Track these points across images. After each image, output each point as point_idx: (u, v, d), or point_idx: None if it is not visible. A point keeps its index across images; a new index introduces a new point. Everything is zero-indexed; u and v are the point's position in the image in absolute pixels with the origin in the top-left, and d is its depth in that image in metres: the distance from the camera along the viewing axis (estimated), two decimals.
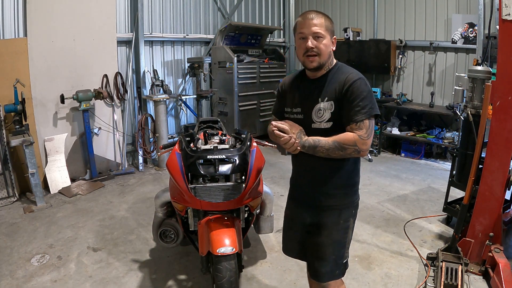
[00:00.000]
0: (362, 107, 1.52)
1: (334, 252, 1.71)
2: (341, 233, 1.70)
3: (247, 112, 6.12)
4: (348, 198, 1.71)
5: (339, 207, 1.68)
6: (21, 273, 2.69)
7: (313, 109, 1.61)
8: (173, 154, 2.16)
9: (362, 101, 1.52)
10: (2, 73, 3.91)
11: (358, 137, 1.52)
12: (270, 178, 4.66)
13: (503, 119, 2.43)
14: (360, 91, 1.53)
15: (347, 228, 1.72)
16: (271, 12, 7.29)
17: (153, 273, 2.72)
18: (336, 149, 1.53)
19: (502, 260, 2.42)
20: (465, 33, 5.14)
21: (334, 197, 1.68)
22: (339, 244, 1.71)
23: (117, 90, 4.89)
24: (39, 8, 4.11)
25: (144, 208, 3.86)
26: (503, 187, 2.55)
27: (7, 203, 3.91)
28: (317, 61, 1.58)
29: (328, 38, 1.59)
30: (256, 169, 2.14)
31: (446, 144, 5.18)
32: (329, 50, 1.61)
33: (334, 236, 1.69)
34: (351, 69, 1.63)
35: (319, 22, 1.57)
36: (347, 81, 1.55)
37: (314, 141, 1.55)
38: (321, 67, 1.61)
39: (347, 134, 1.53)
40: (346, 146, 1.52)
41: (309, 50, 1.56)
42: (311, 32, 1.56)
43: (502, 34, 2.37)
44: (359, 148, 1.53)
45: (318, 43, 1.56)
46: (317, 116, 1.61)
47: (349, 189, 1.71)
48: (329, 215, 1.69)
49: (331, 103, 1.58)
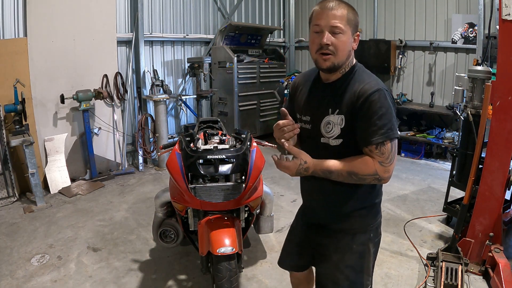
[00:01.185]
0: (380, 127, 1.26)
1: (349, 277, 1.48)
2: (354, 257, 1.48)
3: (247, 112, 6.12)
4: (365, 221, 1.47)
5: (353, 231, 1.47)
6: (21, 273, 2.69)
7: (322, 120, 1.38)
8: (173, 154, 2.16)
9: (380, 119, 1.26)
10: (2, 73, 3.91)
11: (378, 164, 1.28)
12: (270, 178, 4.66)
13: (503, 119, 2.43)
14: (378, 107, 1.26)
15: (363, 253, 1.48)
16: (271, 12, 7.29)
17: (153, 273, 2.72)
18: (352, 180, 1.31)
19: (502, 260, 2.42)
20: (465, 33, 5.14)
21: (348, 219, 1.46)
22: (353, 269, 1.48)
23: (117, 90, 4.89)
24: (39, 8, 4.11)
25: (144, 208, 3.86)
26: (503, 187, 2.55)
27: (7, 203, 3.91)
28: (331, 61, 1.32)
29: (349, 34, 1.32)
30: (256, 169, 2.14)
31: (446, 144, 5.18)
32: (349, 49, 1.34)
33: (346, 261, 1.47)
34: (370, 76, 1.37)
35: (340, 14, 1.28)
36: (362, 93, 1.28)
37: (324, 173, 1.33)
38: (336, 68, 1.35)
39: (365, 161, 1.29)
40: (365, 176, 1.29)
41: (324, 47, 1.30)
42: (329, 25, 1.28)
43: (502, 34, 2.37)
44: (380, 176, 1.29)
45: (336, 39, 1.29)
46: (326, 130, 1.37)
47: (365, 211, 1.47)
48: (342, 238, 1.48)
49: (342, 118, 1.33)
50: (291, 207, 3.77)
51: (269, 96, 6.36)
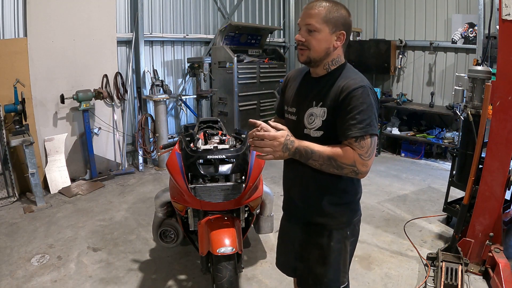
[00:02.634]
0: (359, 121, 1.29)
1: (327, 274, 1.52)
2: (333, 255, 1.50)
3: (247, 112, 6.12)
4: (341, 218, 1.49)
5: (330, 227, 1.49)
6: (21, 273, 2.69)
7: (306, 112, 1.43)
8: (173, 154, 2.16)
9: (360, 114, 1.29)
10: (2, 73, 3.91)
11: (358, 156, 1.29)
12: (270, 178, 4.66)
13: (503, 119, 2.43)
14: (359, 102, 1.30)
15: (340, 250, 1.51)
16: (271, 12, 7.29)
17: (153, 273, 2.72)
18: (331, 166, 1.32)
19: (502, 260, 2.42)
20: (465, 33, 5.14)
21: (325, 215, 1.48)
22: (331, 266, 1.51)
23: (117, 90, 4.89)
24: (39, 8, 4.11)
25: (144, 208, 3.86)
26: (503, 187, 2.55)
27: (7, 203, 3.91)
28: (306, 55, 1.39)
29: (326, 32, 1.35)
30: (256, 169, 2.14)
31: (446, 144, 5.18)
32: (326, 46, 1.37)
33: (325, 258, 1.50)
34: (356, 74, 1.40)
35: (316, 12, 1.34)
36: (345, 88, 1.32)
37: (306, 151, 1.33)
38: (313, 62, 1.41)
39: (346, 149, 1.31)
40: (344, 165, 1.31)
41: (298, 43, 1.39)
42: (304, 24, 1.37)
43: (502, 34, 2.37)
44: (358, 169, 1.31)
45: (310, 36, 1.36)
46: (308, 121, 1.41)
47: (343, 207, 1.49)
48: (320, 234, 1.50)
49: (324, 110, 1.37)
50: None
51: (269, 96, 6.35)
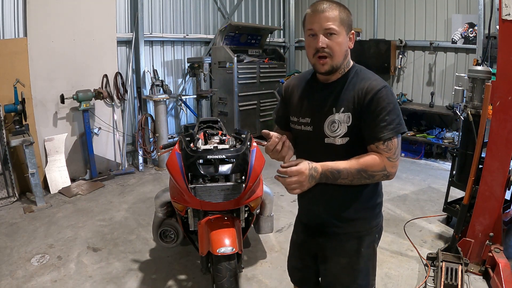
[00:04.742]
0: (389, 122, 1.27)
1: (357, 280, 1.47)
2: (363, 261, 1.46)
3: (247, 112, 6.12)
4: (370, 222, 1.47)
5: (360, 234, 1.45)
6: (21, 273, 2.69)
7: (326, 120, 1.35)
8: (173, 154, 2.16)
9: (389, 115, 1.27)
10: (2, 73, 3.91)
11: (387, 159, 1.27)
12: (270, 178, 4.64)
13: (503, 119, 2.43)
14: (386, 103, 1.27)
15: (370, 255, 1.48)
16: (271, 12, 7.29)
17: (153, 273, 2.72)
18: (362, 178, 1.29)
19: (502, 260, 2.42)
20: (465, 33, 5.14)
21: (353, 223, 1.44)
22: (361, 272, 1.47)
23: (117, 90, 4.89)
24: (39, 8, 4.11)
25: (144, 208, 3.86)
26: (503, 187, 2.55)
27: (7, 203, 3.91)
28: (329, 64, 1.31)
29: (344, 34, 1.31)
30: (256, 169, 2.14)
31: (446, 144, 5.18)
32: (345, 49, 1.33)
33: (354, 265, 1.46)
34: (373, 74, 1.37)
35: (332, 15, 1.27)
36: (370, 90, 1.29)
37: (333, 173, 1.28)
38: (335, 70, 1.35)
39: (373, 158, 1.28)
40: (375, 173, 1.28)
41: (320, 50, 1.30)
42: (322, 28, 1.28)
43: (502, 34, 2.37)
44: (388, 172, 1.29)
45: (331, 41, 1.29)
46: (331, 129, 1.34)
47: (370, 212, 1.46)
48: (348, 243, 1.45)
49: (349, 115, 1.32)
50: (291, 207, 3.76)
51: (269, 96, 6.36)
